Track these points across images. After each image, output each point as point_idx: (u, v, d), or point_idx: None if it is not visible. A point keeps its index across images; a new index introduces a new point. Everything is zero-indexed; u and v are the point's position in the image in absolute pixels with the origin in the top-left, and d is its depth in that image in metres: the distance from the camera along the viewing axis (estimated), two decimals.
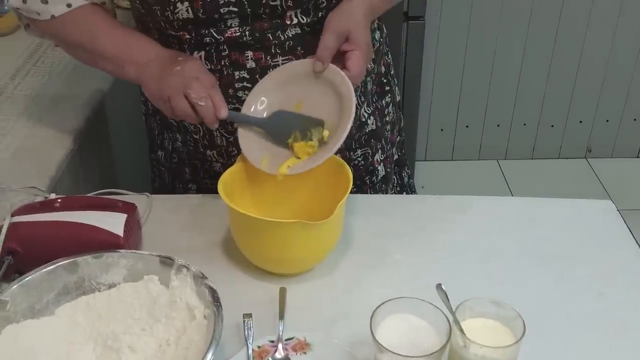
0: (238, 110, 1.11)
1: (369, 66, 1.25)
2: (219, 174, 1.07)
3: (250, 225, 0.99)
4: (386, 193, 1.38)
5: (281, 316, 0.96)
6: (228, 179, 1.05)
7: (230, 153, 1.22)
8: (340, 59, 1.04)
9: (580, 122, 2.94)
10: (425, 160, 3.02)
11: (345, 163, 1.07)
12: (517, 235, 1.15)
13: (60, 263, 0.94)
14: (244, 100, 1.12)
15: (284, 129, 1.06)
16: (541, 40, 2.74)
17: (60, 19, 1.11)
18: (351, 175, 1.04)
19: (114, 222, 1.02)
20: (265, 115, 1.08)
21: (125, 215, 1.04)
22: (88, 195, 1.13)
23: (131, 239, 1.03)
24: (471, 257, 1.10)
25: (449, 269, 1.07)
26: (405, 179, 1.48)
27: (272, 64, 1.11)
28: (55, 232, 1.02)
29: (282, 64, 1.11)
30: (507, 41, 2.74)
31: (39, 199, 1.17)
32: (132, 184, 1.87)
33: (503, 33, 2.72)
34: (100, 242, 1.00)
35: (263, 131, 1.08)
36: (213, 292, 0.89)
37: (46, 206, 1.07)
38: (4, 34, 1.74)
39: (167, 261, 0.95)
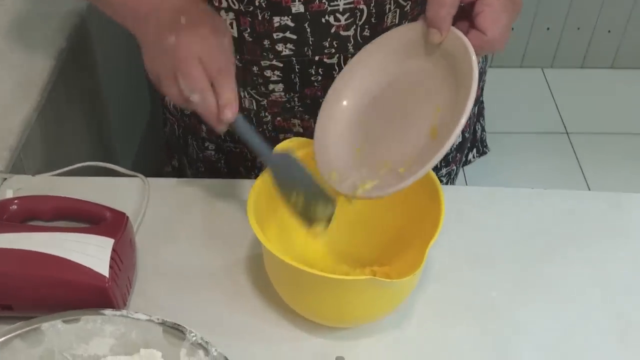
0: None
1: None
2: None
3: (299, 278, 0.67)
4: None
5: None
6: (258, 193, 0.72)
7: (263, 119, 0.91)
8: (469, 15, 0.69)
9: None
10: None
11: (441, 188, 0.72)
12: None
13: (15, 333, 0.64)
14: (285, 55, 0.80)
15: (287, 181, 0.73)
16: None
17: None
18: (443, 210, 0.70)
19: (96, 252, 0.70)
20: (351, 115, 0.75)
21: (112, 241, 0.71)
22: (60, 196, 0.79)
23: (121, 274, 0.71)
24: (592, 296, 0.79)
25: (570, 311, 0.77)
26: (479, 132, 1.16)
27: (329, 8, 0.76)
28: (6, 269, 0.70)
29: (344, 7, 0.76)
30: None
31: None
32: (130, 134, 1.53)
33: None
34: (77, 287, 0.68)
35: (361, 132, 0.74)
36: None
37: None
38: None
39: (175, 333, 0.64)
